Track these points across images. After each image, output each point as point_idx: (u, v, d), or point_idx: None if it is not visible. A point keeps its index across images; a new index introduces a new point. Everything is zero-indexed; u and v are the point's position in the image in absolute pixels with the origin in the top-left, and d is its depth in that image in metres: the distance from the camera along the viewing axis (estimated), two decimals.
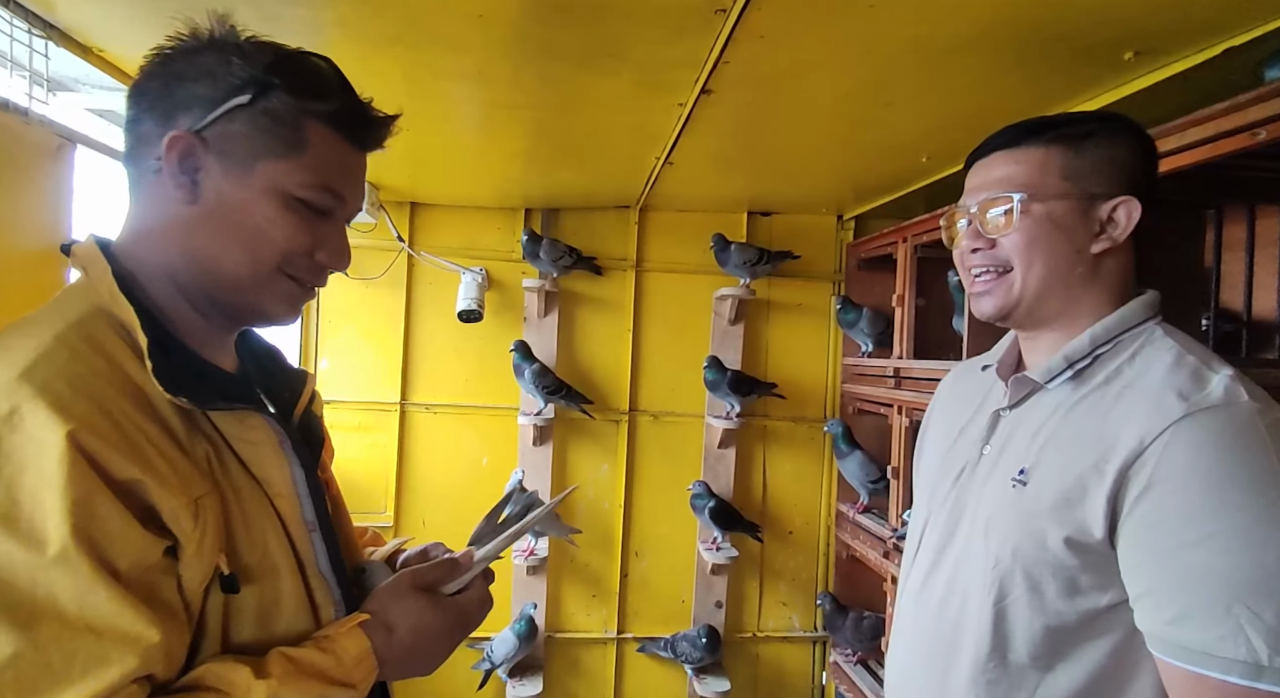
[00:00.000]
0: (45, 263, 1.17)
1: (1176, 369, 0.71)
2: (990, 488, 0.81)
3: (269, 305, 0.66)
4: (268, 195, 0.62)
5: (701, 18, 1.06)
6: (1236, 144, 1.02)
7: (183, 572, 0.55)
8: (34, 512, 0.48)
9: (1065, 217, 0.77)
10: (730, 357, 2.40)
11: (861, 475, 2.11)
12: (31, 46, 1.13)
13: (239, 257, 0.62)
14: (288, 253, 0.64)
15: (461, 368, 2.40)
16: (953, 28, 1.08)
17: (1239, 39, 1.05)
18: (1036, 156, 0.78)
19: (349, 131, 0.66)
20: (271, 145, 0.62)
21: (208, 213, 0.62)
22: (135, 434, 0.54)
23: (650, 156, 1.82)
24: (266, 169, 0.62)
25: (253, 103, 0.61)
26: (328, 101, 0.64)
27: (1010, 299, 0.80)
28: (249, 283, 0.64)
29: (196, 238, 0.63)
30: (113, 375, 0.56)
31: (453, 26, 1.13)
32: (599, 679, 2.45)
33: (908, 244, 1.96)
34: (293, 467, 0.67)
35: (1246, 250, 1.36)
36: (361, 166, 0.70)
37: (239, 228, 0.62)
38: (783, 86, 1.34)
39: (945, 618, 0.82)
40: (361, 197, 0.71)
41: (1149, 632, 0.68)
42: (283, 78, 0.62)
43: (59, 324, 0.56)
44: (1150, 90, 1.21)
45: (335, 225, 0.67)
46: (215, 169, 0.62)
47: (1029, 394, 0.82)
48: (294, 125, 0.62)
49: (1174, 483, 0.66)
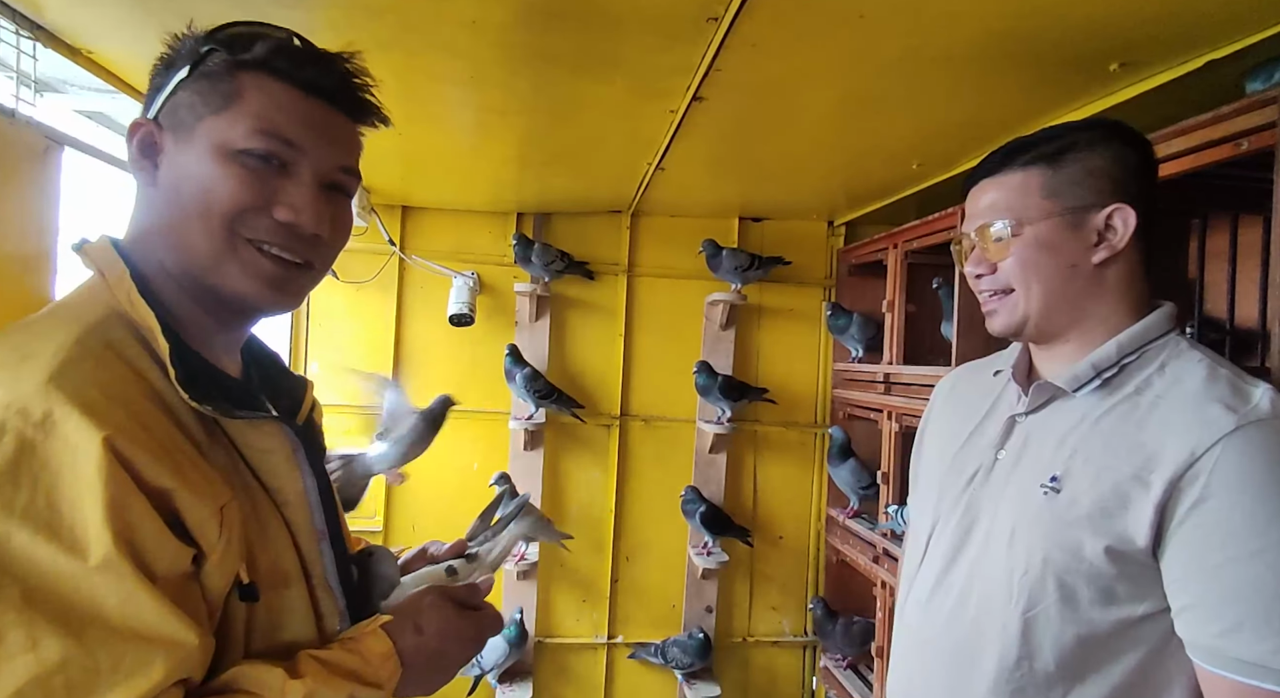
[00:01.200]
0: (33, 265, 1.16)
1: (1213, 382, 0.71)
2: (1010, 494, 0.80)
3: (240, 283, 0.61)
4: (208, 154, 0.59)
5: (694, 26, 1.07)
6: (1220, 154, 1.03)
7: (205, 581, 0.55)
8: (74, 518, 0.48)
9: (1054, 235, 0.78)
10: (721, 362, 2.41)
11: (853, 482, 2.12)
12: (19, 48, 1.12)
13: (196, 226, 0.59)
14: (237, 211, 0.59)
15: (453, 372, 2.39)
16: (943, 38, 1.09)
17: (1221, 52, 1.07)
18: (1016, 181, 0.80)
19: (289, 75, 0.61)
20: (208, 103, 0.60)
21: (164, 190, 0.61)
22: (166, 441, 0.54)
23: (642, 162, 1.82)
24: (204, 128, 0.60)
25: (191, 72, 0.61)
26: (258, 49, 0.61)
27: (1016, 318, 0.82)
28: (211, 256, 0.60)
29: (162, 218, 0.61)
30: (137, 382, 0.55)
31: (446, 32, 1.13)
32: (589, 685, 2.44)
33: (898, 250, 1.98)
34: (304, 476, 0.65)
35: (1230, 260, 1.38)
36: (324, 116, 0.64)
37: (189, 195, 0.60)
38: (774, 94, 1.35)
39: (961, 625, 0.81)
40: (334, 149, 0.65)
41: (1195, 643, 0.68)
42: (218, 42, 0.61)
43: (77, 327, 0.55)
44: (1136, 101, 1.23)
45: (296, 180, 0.62)
46: (169, 146, 0.61)
47: (1049, 401, 0.82)
48: (227, 78, 0.60)
49: (1226, 496, 0.66)
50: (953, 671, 0.81)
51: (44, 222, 1.17)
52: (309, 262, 0.65)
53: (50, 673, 0.46)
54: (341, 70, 0.64)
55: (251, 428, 0.62)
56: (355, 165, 0.68)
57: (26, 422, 0.48)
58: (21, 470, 0.47)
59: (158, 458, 0.52)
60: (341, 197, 0.67)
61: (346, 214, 0.69)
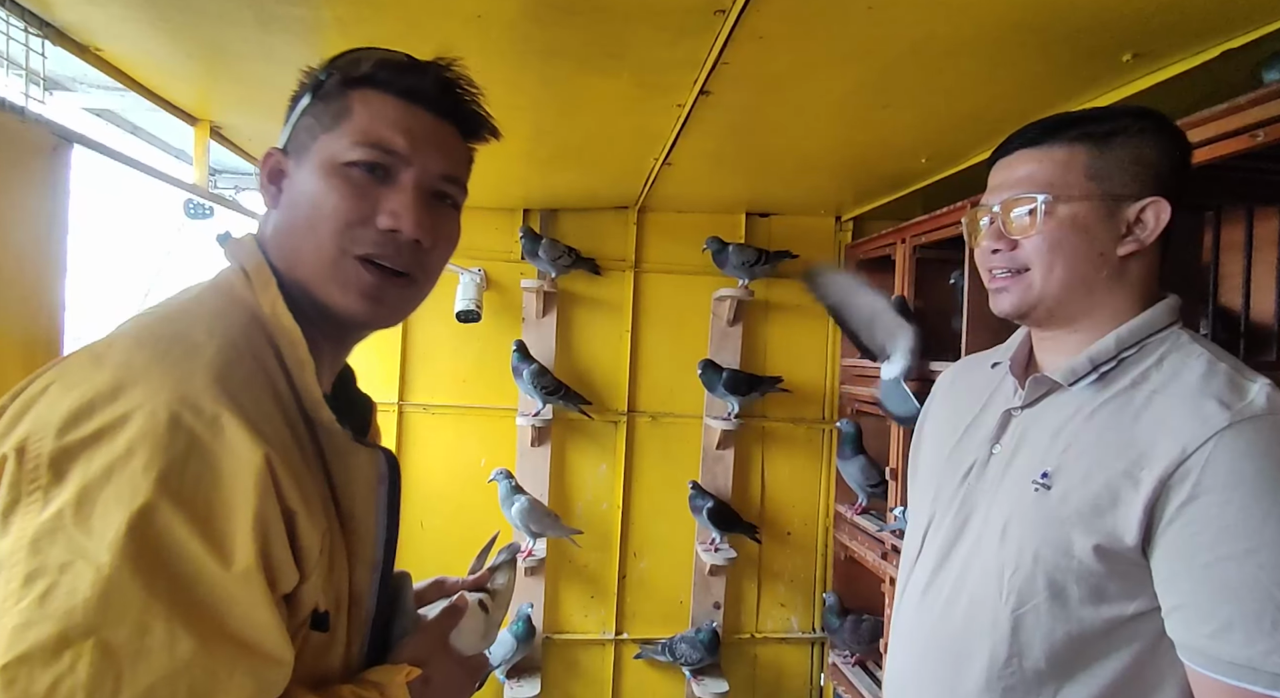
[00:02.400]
0: (42, 261, 1.16)
1: (1211, 377, 0.69)
2: (1005, 489, 0.79)
3: (340, 297, 0.61)
4: (320, 168, 0.62)
5: (700, 19, 1.06)
6: (1235, 146, 1.01)
7: (295, 605, 0.55)
8: (226, 524, 0.48)
9: (1089, 219, 0.74)
10: (729, 358, 2.40)
11: (861, 479, 2.11)
12: (28, 45, 1.13)
13: (308, 240, 0.61)
14: (345, 223, 0.60)
15: (460, 368, 2.40)
16: (951, 29, 1.08)
17: (1237, 41, 1.06)
18: (1060, 155, 0.75)
19: (392, 86, 0.63)
20: (322, 122, 0.63)
21: (284, 208, 0.64)
22: (296, 463, 0.54)
23: (649, 157, 1.82)
24: (317, 146, 0.63)
25: (313, 99, 0.64)
26: (365, 66, 0.64)
27: (1029, 299, 0.78)
28: (318, 270, 0.61)
29: (280, 235, 0.63)
30: (277, 398, 0.56)
31: (452, 27, 1.13)
32: (597, 681, 2.44)
33: (906, 245, 1.96)
34: (379, 507, 0.64)
35: (1245, 252, 1.36)
36: (427, 124, 0.64)
37: (301, 211, 0.62)
38: (781, 88, 1.34)
39: (952, 622, 0.80)
40: (437, 156, 0.65)
41: (1185, 644, 0.67)
42: (335, 67, 0.64)
43: (232, 329, 0.56)
44: (1149, 92, 1.21)
45: (398, 187, 0.62)
46: (292, 169, 0.64)
47: (1045, 394, 0.80)
48: (340, 97, 0.63)
49: (1218, 494, 0.64)
50: (945, 667, 0.80)
51: (53, 218, 1.17)
52: (409, 271, 0.64)
53: (179, 673, 0.45)
54: (441, 77, 0.65)
55: (352, 453, 0.61)
56: (460, 175, 0.68)
57: (198, 419, 0.49)
58: (190, 465, 0.48)
59: (293, 481, 0.52)
60: (446, 207, 0.67)
61: (451, 225, 0.69)
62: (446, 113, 0.66)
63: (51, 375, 0.51)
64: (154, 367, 0.50)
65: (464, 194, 0.69)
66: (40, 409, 0.48)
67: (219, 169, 2.26)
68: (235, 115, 1.66)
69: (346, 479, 0.61)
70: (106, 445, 0.46)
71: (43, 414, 0.48)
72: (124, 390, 0.48)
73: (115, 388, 0.48)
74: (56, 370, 0.51)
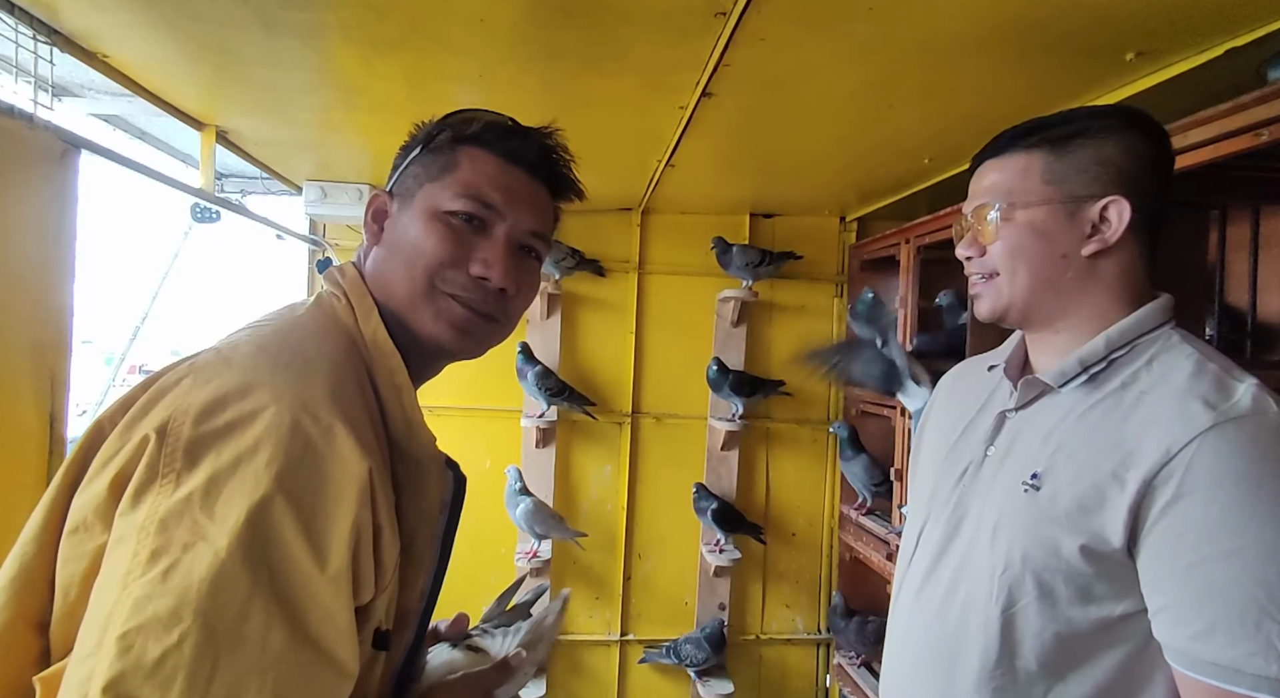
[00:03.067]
0: (50, 266, 1.17)
1: (1199, 377, 0.69)
2: (997, 490, 0.80)
3: (432, 325, 0.66)
4: (423, 214, 0.66)
5: (702, 20, 1.06)
6: (1240, 144, 1.01)
7: (363, 620, 0.55)
8: (327, 528, 0.50)
9: (1047, 222, 0.76)
10: (733, 358, 2.40)
11: (865, 478, 2.11)
12: (36, 52, 1.14)
13: (402, 274, 0.66)
14: (439, 264, 0.65)
15: (464, 370, 2.38)
16: (954, 29, 1.08)
17: (1241, 39, 1.05)
18: (1019, 163, 0.78)
19: (495, 146, 0.69)
20: (429, 172, 0.68)
21: (386, 246, 0.68)
22: (387, 483, 0.56)
23: (652, 159, 1.82)
24: (423, 193, 0.67)
25: (422, 150, 0.69)
26: (475, 126, 0.69)
27: (1000, 303, 0.81)
28: (410, 299, 0.65)
29: (380, 269, 0.68)
30: (373, 420, 0.58)
31: (455, 30, 1.14)
32: (602, 682, 2.45)
33: (910, 245, 1.96)
34: (436, 536, 0.65)
35: (1251, 251, 1.35)
36: (523, 183, 0.70)
37: (402, 249, 0.66)
38: (784, 89, 1.34)
39: (946, 622, 0.81)
40: (528, 213, 0.70)
41: (1170, 645, 0.67)
42: (448, 125, 0.70)
43: (335, 349, 0.59)
44: (1153, 91, 1.21)
45: (491, 239, 0.68)
46: (394, 211, 0.69)
47: (1038, 396, 0.81)
48: (449, 152, 0.68)
49: (1201, 495, 0.64)
50: (938, 667, 0.81)
51: (61, 223, 1.19)
52: (494, 315, 0.69)
53: (268, 666, 0.46)
54: (541, 144, 0.72)
55: (427, 481, 0.63)
56: (547, 231, 0.74)
57: (315, 425, 0.51)
58: (304, 466, 0.50)
59: (385, 498, 0.55)
60: (531, 259, 0.73)
61: (534, 275, 0.74)
62: (542, 175, 0.72)
63: (184, 369, 0.54)
64: (277, 373, 0.53)
65: (549, 248, 0.75)
66: (176, 397, 0.51)
67: (225, 173, 2.27)
68: (241, 120, 1.68)
69: (414, 507, 0.62)
70: (237, 438, 0.49)
71: (180, 402, 0.51)
72: (253, 390, 0.51)
73: (245, 387, 0.51)
74: (189, 366, 0.54)
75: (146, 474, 0.48)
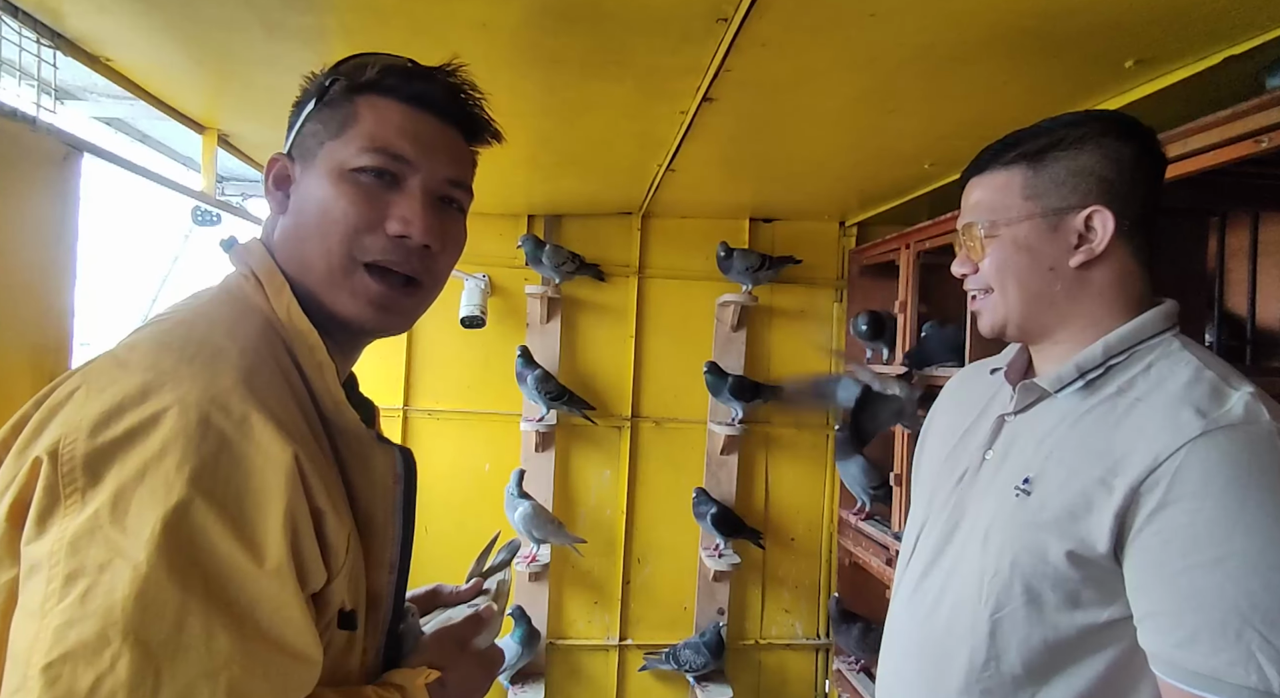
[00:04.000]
0: (52, 269, 1.17)
1: (1194, 384, 0.69)
2: (992, 495, 0.80)
3: (348, 306, 0.62)
4: (328, 175, 0.62)
5: (703, 26, 1.07)
6: (1239, 151, 1.02)
7: (322, 604, 0.55)
8: (258, 521, 0.49)
9: (1030, 237, 0.77)
10: (733, 363, 2.40)
11: (863, 481, 2.10)
12: (40, 56, 1.14)
13: (317, 246, 0.61)
14: (354, 229, 0.61)
15: (464, 374, 2.40)
16: (954, 36, 1.08)
17: (1240, 47, 1.06)
18: (999, 180, 0.79)
19: (399, 92, 0.63)
20: (328, 129, 0.63)
21: (293, 217, 0.64)
22: (321, 463, 0.55)
23: (653, 164, 1.82)
24: (324, 152, 0.63)
25: (317, 104, 0.64)
26: (371, 72, 0.63)
27: (998, 318, 0.81)
28: (327, 277, 0.61)
29: (289, 242, 0.63)
30: (298, 401, 0.56)
31: (456, 35, 1.14)
32: (601, 687, 2.44)
33: (910, 251, 1.96)
34: (395, 508, 0.63)
35: (1250, 257, 1.35)
36: (433, 129, 0.65)
37: (312, 215, 0.62)
38: (785, 94, 1.34)
39: (936, 624, 0.82)
40: (443, 161, 0.65)
41: (1154, 653, 0.67)
42: (341, 73, 0.64)
43: (248, 333, 0.56)
44: (1152, 98, 1.21)
45: (406, 193, 0.63)
46: (297, 175, 0.64)
47: (1035, 401, 0.81)
48: (346, 104, 0.63)
49: (1188, 503, 0.64)
50: (928, 669, 0.81)
51: (63, 227, 1.19)
52: (418, 276, 0.65)
53: (217, 670, 0.45)
54: (446, 83, 0.66)
55: (372, 455, 0.61)
56: (466, 179, 0.68)
57: (227, 418, 0.49)
58: (221, 463, 0.48)
59: (320, 480, 0.53)
60: (454, 211, 0.68)
61: (458, 229, 0.69)
62: (452, 118, 0.66)
63: (76, 380, 0.50)
64: (181, 369, 0.50)
65: (470, 197, 0.69)
66: (69, 412, 0.48)
67: (226, 176, 2.27)
68: (242, 123, 1.68)
69: (365, 482, 0.61)
70: (139, 446, 0.47)
71: (72, 417, 0.48)
72: (153, 392, 0.48)
73: (144, 390, 0.48)
74: (80, 375, 0.51)
75: (47, 498, 0.46)
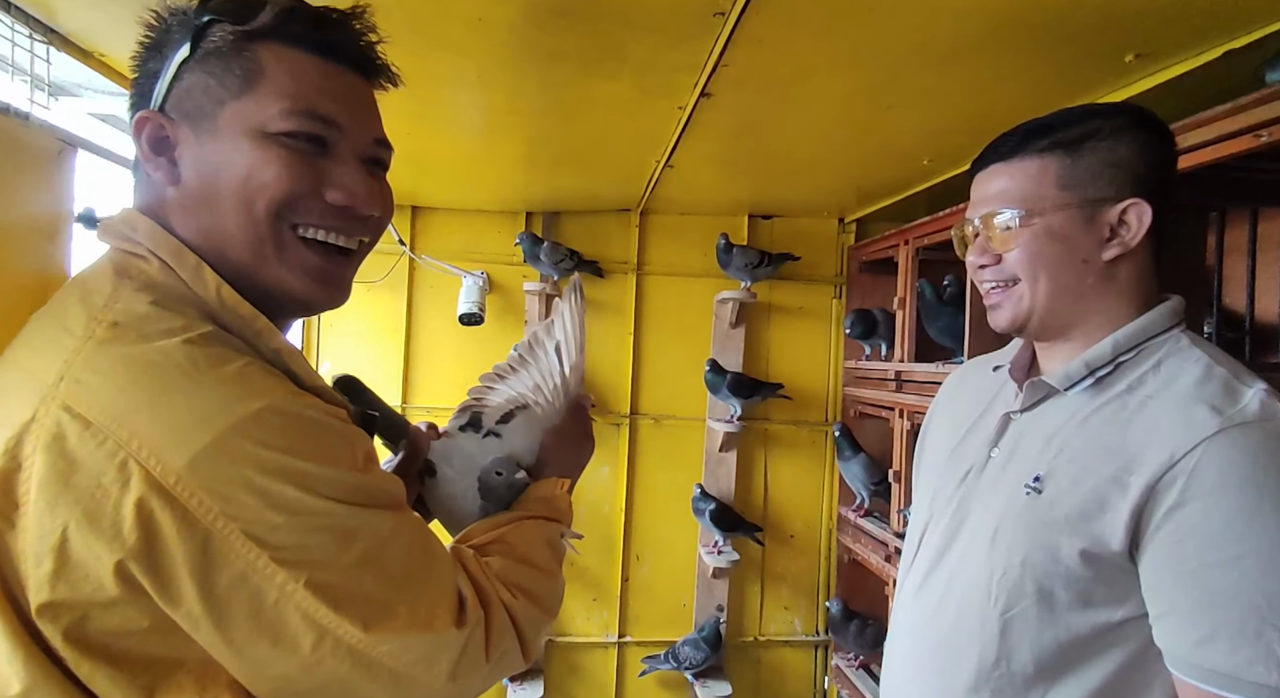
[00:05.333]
0: (46, 267, 1.17)
1: (1206, 381, 0.68)
2: (999, 493, 0.79)
3: (290, 279, 0.57)
4: (242, 139, 0.54)
5: (700, 21, 1.06)
6: (1239, 146, 1.01)
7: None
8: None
9: (1066, 228, 0.74)
10: (731, 360, 2.39)
11: (864, 478, 2.10)
12: (33, 51, 1.14)
13: (237, 219, 0.55)
14: (288, 198, 0.55)
15: (463, 371, 2.40)
16: (953, 31, 1.08)
17: (1240, 41, 1.05)
18: (1031, 168, 0.76)
19: (308, 42, 0.57)
20: (227, 85, 0.54)
21: (194, 187, 0.55)
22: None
23: (651, 160, 1.82)
24: (229, 114, 0.54)
25: (194, 51, 0.55)
26: (264, 16, 0.55)
27: (1021, 311, 0.79)
28: (255, 252, 0.56)
29: (194, 219, 0.55)
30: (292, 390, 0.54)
31: (452, 31, 1.13)
32: (600, 684, 2.44)
33: (909, 247, 1.96)
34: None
35: (1249, 253, 1.35)
36: (351, 85, 0.60)
37: (228, 188, 0.54)
38: (783, 90, 1.34)
39: (943, 623, 0.81)
40: (368, 121, 0.61)
41: (1171, 652, 0.66)
42: (214, 11, 0.55)
43: (201, 355, 0.50)
44: (1152, 92, 1.21)
45: (341, 160, 0.58)
46: (187, 138, 0.55)
47: (1043, 398, 0.80)
48: (241, 55, 0.55)
49: (1205, 501, 0.63)
50: (935, 669, 0.81)
51: (57, 223, 1.18)
52: (355, 246, 0.62)
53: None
54: (356, 30, 0.60)
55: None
56: (386, 135, 0.64)
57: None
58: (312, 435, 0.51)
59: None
60: (381, 170, 0.64)
61: (389, 190, 0.65)
62: (363, 69, 0.62)
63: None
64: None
65: (391, 152, 0.65)
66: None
67: None
68: None
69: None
70: None
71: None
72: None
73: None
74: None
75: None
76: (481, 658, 0.55)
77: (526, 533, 0.68)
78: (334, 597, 0.48)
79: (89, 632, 0.47)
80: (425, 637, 0.51)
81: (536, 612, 0.61)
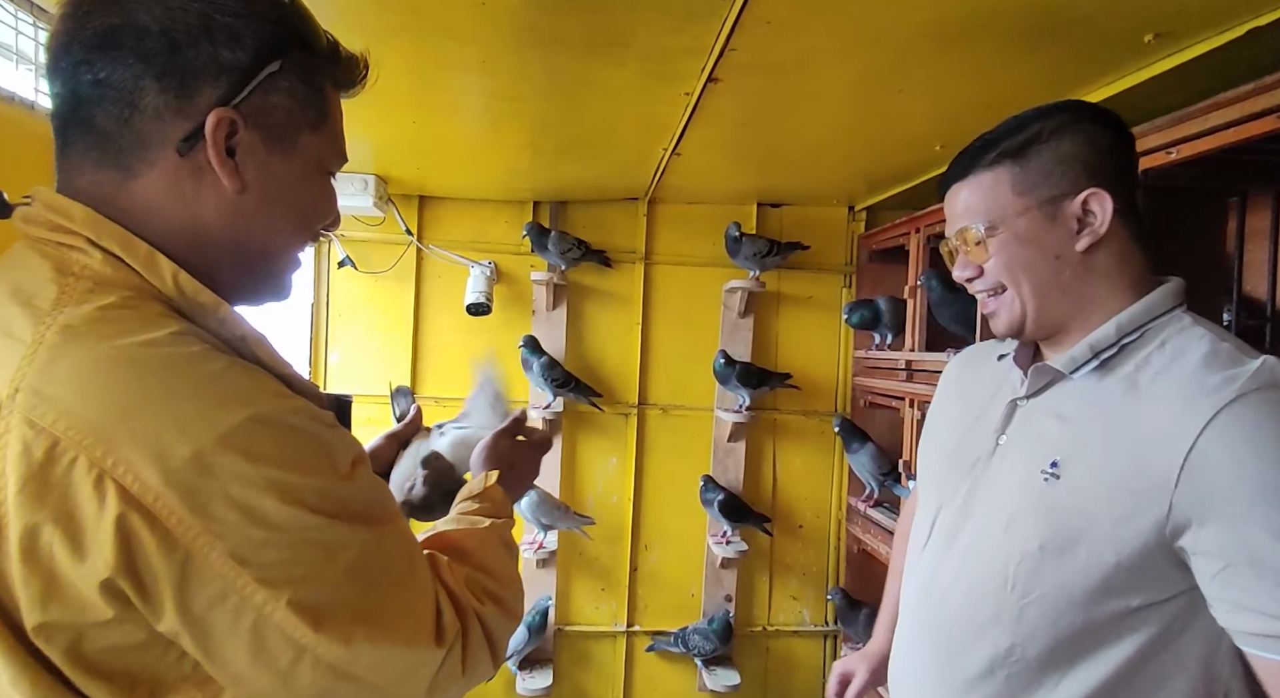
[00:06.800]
0: None
1: (1214, 355, 0.69)
2: (1010, 480, 0.79)
3: (278, 293, 0.63)
4: (311, 170, 0.60)
5: (706, 4, 1.04)
6: (1262, 127, 0.98)
7: None
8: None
9: (1032, 230, 0.77)
10: (740, 350, 2.38)
11: (873, 468, 2.09)
12: (37, 39, 1.13)
13: (289, 239, 0.61)
14: (320, 227, 0.64)
15: (471, 361, 2.40)
16: (965, 11, 1.05)
17: (1264, 19, 1.02)
18: (986, 182, 0.79)
19: (342, 86, 0.62)
20: (307, 116, 0.58)
21: (260, 199, 0.56)
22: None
23: (658, 148, 1.80)
24: (304, 143, 0.58)
25: (283, 69, 0.55)
26: (335, 62, 0.60)
27: (1015, 315, 0.81)
28: (274, 267, 0.60)
29: (248, 222, 0.56)
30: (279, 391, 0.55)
31: (456, 16, 1.12)
32: (608, 672, 2.45)
33: (920, 235, 1.93)
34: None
35: (1270, 238, 1.32)
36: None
37: (293, 210, 0.59)
38: (791, 75, 1.31)
39: (955, 611, 0.81)
40: None
41: (1240, 630, 0.64)
42: (292, 31, 0.55)
43: (181, 359, 0.48)
44: (1171, 73, 1.18)
45: (331, 188, 0.65)
46: (258, 148, 0.55)
47: (1049, 383, 0.80)
48: (320, 92, 0.59)
49: (1236, 470, 0.63)
50: (947, 655, 0.81)
51: None
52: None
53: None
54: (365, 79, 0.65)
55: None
56: None
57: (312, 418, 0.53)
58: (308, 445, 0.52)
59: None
60: None
61: None
62: None
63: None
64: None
65: None
66: None
67: None
68: None
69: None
70: None
71: None
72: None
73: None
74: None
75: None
76: (458, 671, 0.56)
77: (480, 537, 0.69)
78: (315, 615, 0.48)
79: (87, 651, 0.46)
80: (406, 653, 0.52)
81: (506, 619, 0.63)
